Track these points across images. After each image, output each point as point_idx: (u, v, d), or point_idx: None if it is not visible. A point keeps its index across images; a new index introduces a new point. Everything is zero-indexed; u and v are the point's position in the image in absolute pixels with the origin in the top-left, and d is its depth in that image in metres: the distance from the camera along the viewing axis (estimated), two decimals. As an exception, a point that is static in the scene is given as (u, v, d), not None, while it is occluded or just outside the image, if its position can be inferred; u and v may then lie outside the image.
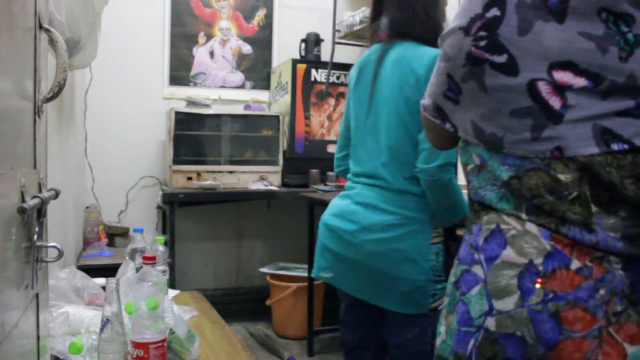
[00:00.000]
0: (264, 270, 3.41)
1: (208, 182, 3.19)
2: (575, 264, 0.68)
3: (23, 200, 0.72)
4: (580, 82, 0.67)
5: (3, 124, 0.65)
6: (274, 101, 3.72)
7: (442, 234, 1.51)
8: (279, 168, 3.44)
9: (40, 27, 0.85)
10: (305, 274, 3.07)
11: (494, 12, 0.71)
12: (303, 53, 3.63)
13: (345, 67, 3.54)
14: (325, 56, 3.56)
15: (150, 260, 1.19)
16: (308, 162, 3.43)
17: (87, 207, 3.14)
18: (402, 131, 1.47)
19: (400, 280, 1.45)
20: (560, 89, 0.68)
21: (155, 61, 3.58)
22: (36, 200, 0.75)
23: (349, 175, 1.66)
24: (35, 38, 0.83)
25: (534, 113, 0.69)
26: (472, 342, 0.74)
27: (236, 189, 3.29)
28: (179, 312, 1.47)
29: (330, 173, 3.37)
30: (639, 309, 0.67)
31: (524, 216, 0.71)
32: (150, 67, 3.56)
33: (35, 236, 0.80)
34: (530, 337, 0.68)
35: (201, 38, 3.67)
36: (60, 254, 0.83)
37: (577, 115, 0.67)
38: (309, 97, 3.45)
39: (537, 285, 0.69)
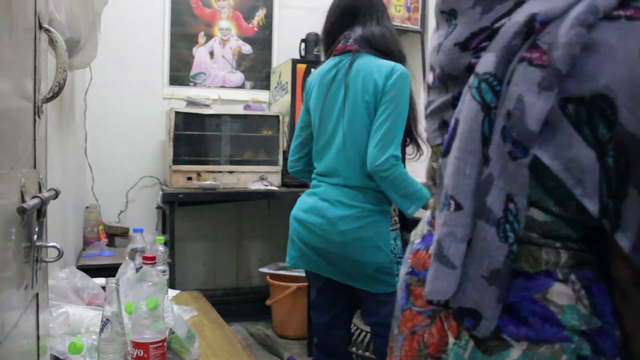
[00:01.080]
0: (264, 270, 3.41)
1: (208, 182, 3.19)
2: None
3: (23, 200, 0.72)
4: (430, 79, 0.78)
5: (3, 124, 0.65)
6: (274, 101, 3.72)
7: (397, 222, 1.78)
8: (278, 168, 3.44)
9: (40, 27, 0.85)
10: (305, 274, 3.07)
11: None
12: (303, 53, 3.63)
13: (345, 67, 3.54)
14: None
15: (150, 260, 1.19)
16: (308, 162, 3.43)
17: (87, 207, 3.14)
18: (363, 134, 1.67)
19: (367, 264, 1.67)
20: (428, 89, 0.80)
21: (155, 61, 3.58)
22: (36, 200, 0.75)
23: (313, 175, 1.84)
24: (35, 38, 0.83)
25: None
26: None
27: (236, 189, 3.29)
28: (179, 312, 1.47)
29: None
30: None
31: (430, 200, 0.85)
32: (150, 67, 3.56)
33: (35, 236, 0.80)
34: (401, 300, 0.82)
35: (201, 38, 3.67)
36: (60, 254, 0.83)
37: (431, 109, 0.78)
38: (309, 97, 3.45)
39: (409, 260, 0.82)
